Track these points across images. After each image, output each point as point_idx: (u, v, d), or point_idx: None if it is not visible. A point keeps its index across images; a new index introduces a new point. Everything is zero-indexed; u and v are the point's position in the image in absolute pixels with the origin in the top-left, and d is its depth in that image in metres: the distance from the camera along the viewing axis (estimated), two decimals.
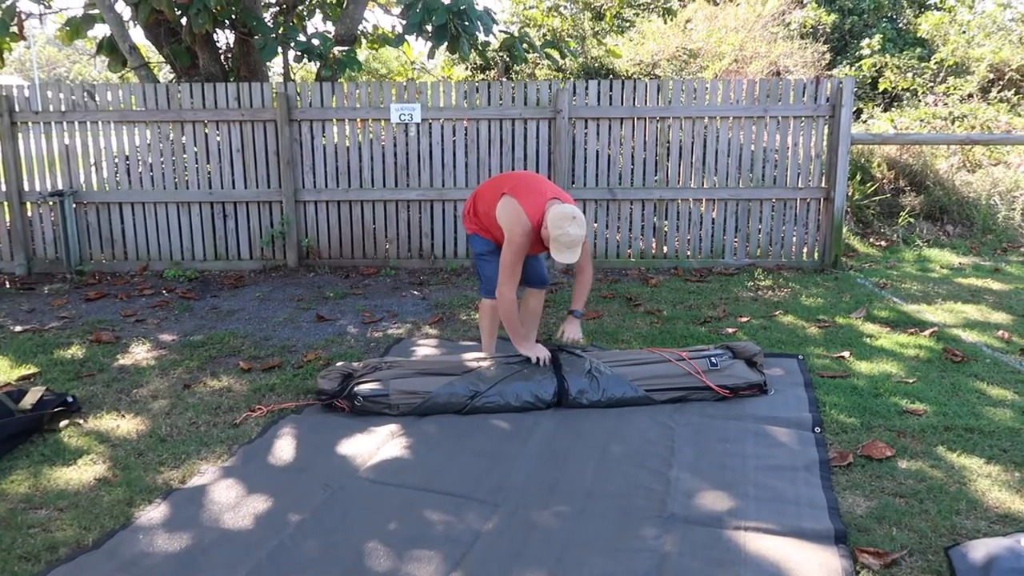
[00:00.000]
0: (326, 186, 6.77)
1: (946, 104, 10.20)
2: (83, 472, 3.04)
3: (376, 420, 3.52)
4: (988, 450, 3.17)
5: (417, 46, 28.03)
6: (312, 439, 3.32)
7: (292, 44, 7.17)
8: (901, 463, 3.06)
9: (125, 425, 3.49)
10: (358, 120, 6.72)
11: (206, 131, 6.69)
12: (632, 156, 6.73)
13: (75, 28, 7.71)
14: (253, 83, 6.71)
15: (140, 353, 4.54)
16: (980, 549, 2.38)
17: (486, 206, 3.88)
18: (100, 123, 6.71)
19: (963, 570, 2.32)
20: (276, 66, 10.07)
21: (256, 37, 7.00)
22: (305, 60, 7.52)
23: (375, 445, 3.26)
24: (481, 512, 2.72)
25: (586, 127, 6.67)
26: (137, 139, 6.77)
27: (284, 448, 3.24)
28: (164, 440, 3.33)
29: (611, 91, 6.63)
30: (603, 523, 2.64)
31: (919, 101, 10.58)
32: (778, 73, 11.04)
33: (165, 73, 9.87)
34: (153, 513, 2.71)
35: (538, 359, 3.79)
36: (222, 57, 7.83)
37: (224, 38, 8.12)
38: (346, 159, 6.74)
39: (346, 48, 7.69)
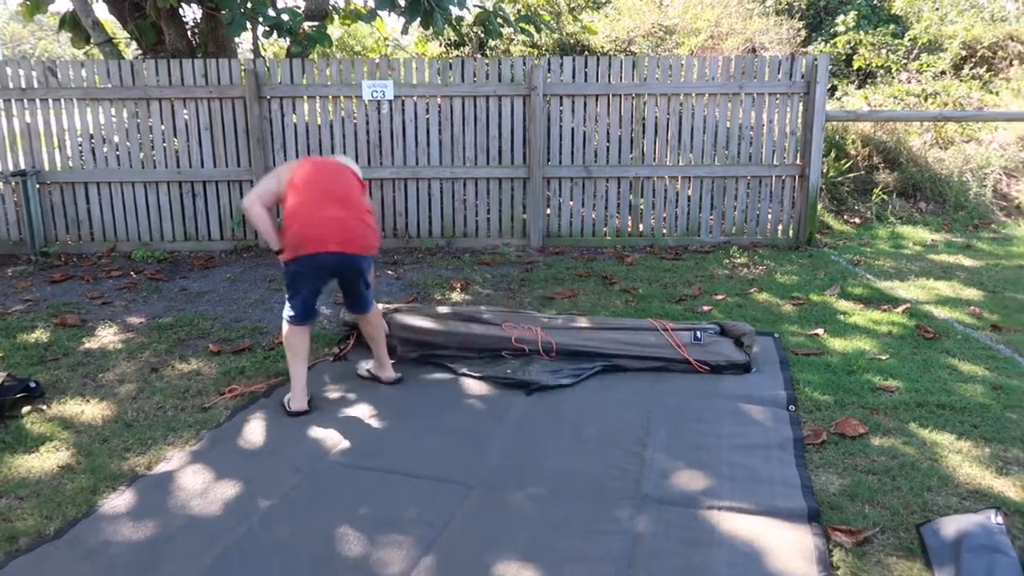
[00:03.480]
0: None
1: (919, 81, 10.23)
2: (45, 460, 2.96)
3: (348, 402, 3.47)
4: (959, 426, 3.19)
5: (391, 21, 27.65)
6: (282, 422, 3.27)
7: (260, 19, 7.00)
8: (874, 440, 3.07)
9: (90, 411, 3.41)
10: (330, 97, 6.59)
11: (173, 109, 6.52)
12: (608, 133, 6.67)
13: (35, 3, 7.47)
14: (221, 59, 6.55)
15: (107, 336, 4.44)
16: (951, 525, 2.39)
17: (363, 193, 3.53)
18: (63, 101, 6.52)
19: (934, 547, 2.33)
20: (246, 42, 9.86)
21: (223, 12, 6.82)
22: (275, 36, 7.35)
23: (345, 428, 3.21)
24: (454, 494, 2.69)
25: (561, 104, 6.60)
26: (102, 117, 6.60)
27: (253, 432, 3.18)
28: (130, 425, 3.26)
29: (586, 68, 6.55)
30: (577, 504, 2.62)
31: (893, 78, 10.60)
32: (754, 50, 10.99)
33: (132, 50, 9.62)
34: (117, 501, 2.65)
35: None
36: (189, 33, 7.63)
37: (191, 13, 7.91)
38: (317, 137, 6.62)
39: (316, 24, 7.54)
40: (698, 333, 3.98)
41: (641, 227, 6.80)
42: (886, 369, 3.80)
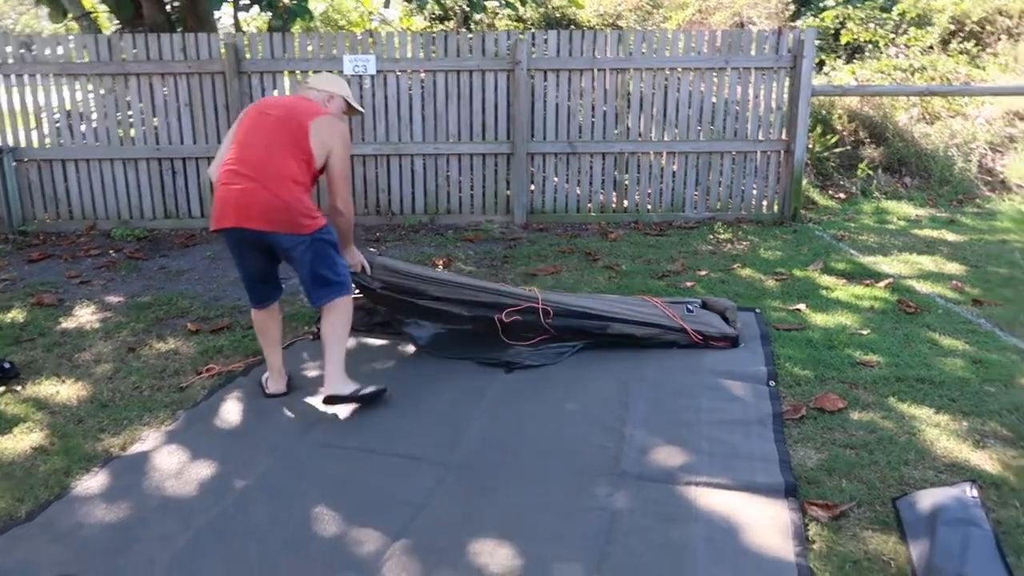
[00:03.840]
0: None
1: (907, 56, 10.18)
2: (18, 441, 2.93)
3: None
4: (938, 400, 3.20)
5: None
6: (259, 401, 3.24)
7: None
8: (853, 415, 3.07)
9: (65, 391, 3.37)
10: (311, 72, 6.48)
11: (151, 84, 6.41)
12: (592, 108, 6.61)
13: None
14: (200, 34, 6.43)
15: (84, 316, 4.38)
16: (926, 499, 2.40)
17: (296, 155, 3.04)
18: (39, 76, 6.40)
19: (909, 520, 2.33)
20: (226, 16, 9.70)
21: None
22: (255, 10, 7.23)
23: (324, 407, 3.19)
24: (431, 474, 2.67)
25: (545, 79, 6.52)
26: (79, 93, 6.48)
27: (230, 412, 3.15)
28: (106, 406, 3.22)
29: (571, 42, 6.48)
30: (555, 483, 2.61)
31: (881, 53, 10.54)
32: (742, 24, 10.90)
33: (111, 24, 9.44)
34: (91, 482, 2.62)
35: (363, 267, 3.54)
36: (168, 7, 7.49)
37: None
38: None
39: None
40: (689, 306, 4.05)
41: (626, 203, 6.77)
42: (867, 344, 3.80)
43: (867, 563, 2.19)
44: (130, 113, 6.46)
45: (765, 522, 2.37)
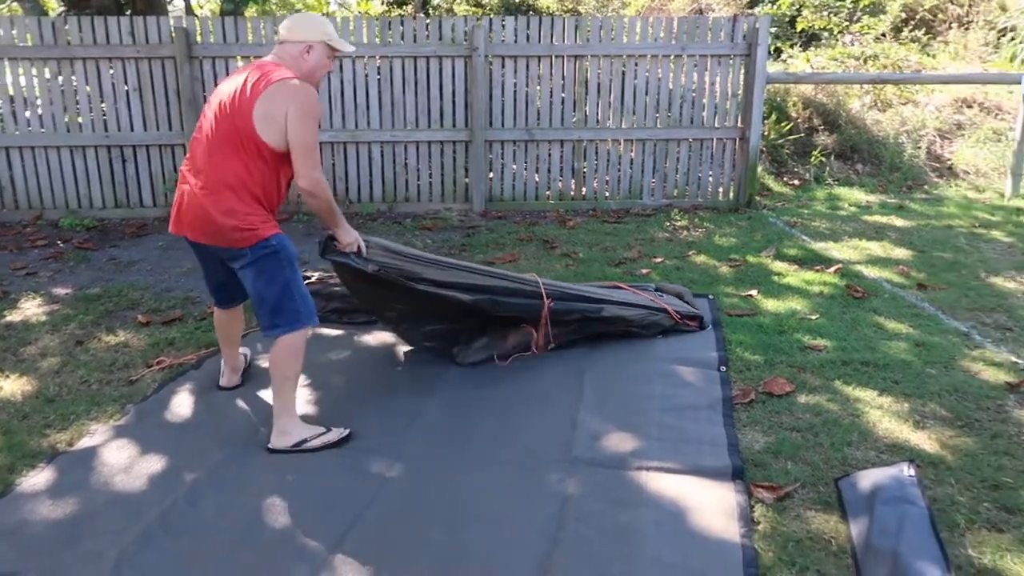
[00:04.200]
0: None
1: (861, 44, 10.35)
2: None
3: None
4: (881, 382, 3.29)
5: None
6: (211, 395, 3.20)
7: None
8: (800, 398, 3.15)
9: (9, 386, 3.29)
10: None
11: (99, 69, 6.25)
12: (550, 95, 6.61)
13: None
14: (149, 17, 6.28)
15: (30, 308, 4.28)
16: (867, 479, 2.47)
17: (240, 150, 2.62)
18: None
19: (850, 500, 2.40)
20: None
21: None
22: None
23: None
24: (383, 464, 2.67)
25: (503, 66, 6.51)
26: (23, 78, 6.29)
27: (181, 404, 3.11)
28: (52, 401, 3.16)
29: (528, 28, 6.46)
30: (506, 469, 2.64)
31: (836, 40, 10.71)
32: (700, 11, 10.98)
33: (56, 6, 9.17)
34: (36, 479, 2.58)
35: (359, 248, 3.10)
36: None
37: None
38: None
39: None
40: (654, 288, 4.12)
41: (584, 190, 6.80)
42: (815, 328, 3.89)
43: (809, 542, 2.26)
44: (77, 99, 6.29)
45: (712, 505, 2.42)
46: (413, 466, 2.66)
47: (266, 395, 3.19)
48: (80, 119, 6.33)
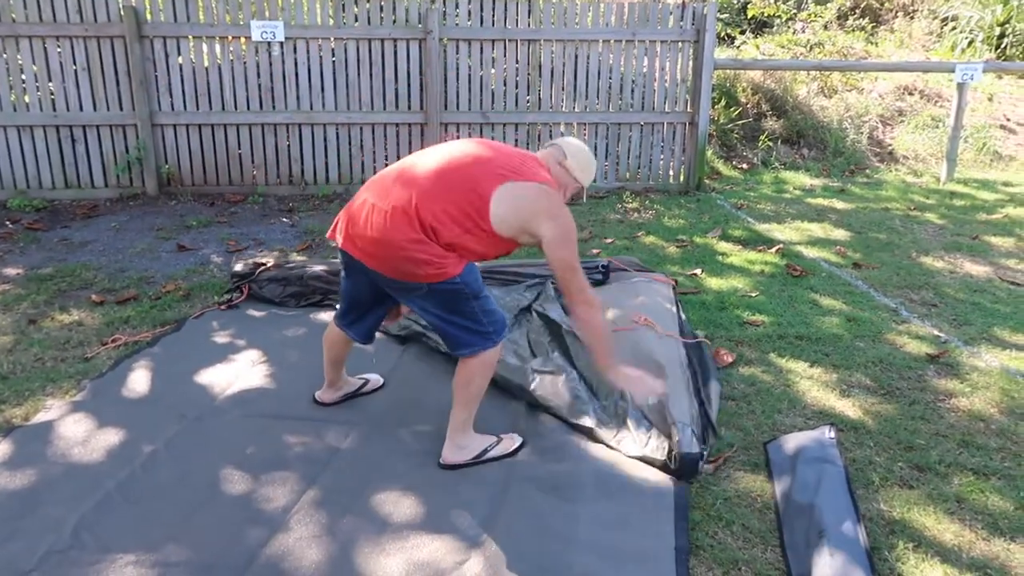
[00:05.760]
0: (185, 108, 6.40)
1: (812, 31, 10.63)
2: None
3: (236, 349, 3.49)
4: (813, 355, 3.49)
5: None
6: (168, 370, 3.26)
7: None
8: (738, 369, 3.33)
9: None
10: (217, 38, 6.33)
11: (45, 47, 6.15)
12: (504, 79, 6.71)
13: None
14: None
15: None
16: (791, 442, 2.66)
17: (460, 207, 2.36)
18: None
19: (776, 460, 2.58)
20: None
21: None
22: None
23: (234, 374, 3.24)
24: (339, 432, 2.78)
25: (457, 49, 6.57)
26: None
27: (138, 380, 3.17)
28: (6, 378, 3.18)
29: (482, 11, 6.53)
30: None
31: (786, 28, 10.97)
32: None
33: None
34: None
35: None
36: None
37: None
38: (205, 80, 6.38)
39: None
40: (605, 263, 4.13)
41: None
42: (755, 305, 4.08)
43: (737, 499, 2.43)
44: (23, 78, 6.19)
45: (650, 474, 2.57)
46: (369, 433, 2.77)
47: (222, 370, 3.26)
48: (27, 98, 6.23)
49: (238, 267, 4.19)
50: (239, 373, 3.25)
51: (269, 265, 4.14)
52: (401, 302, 2.64)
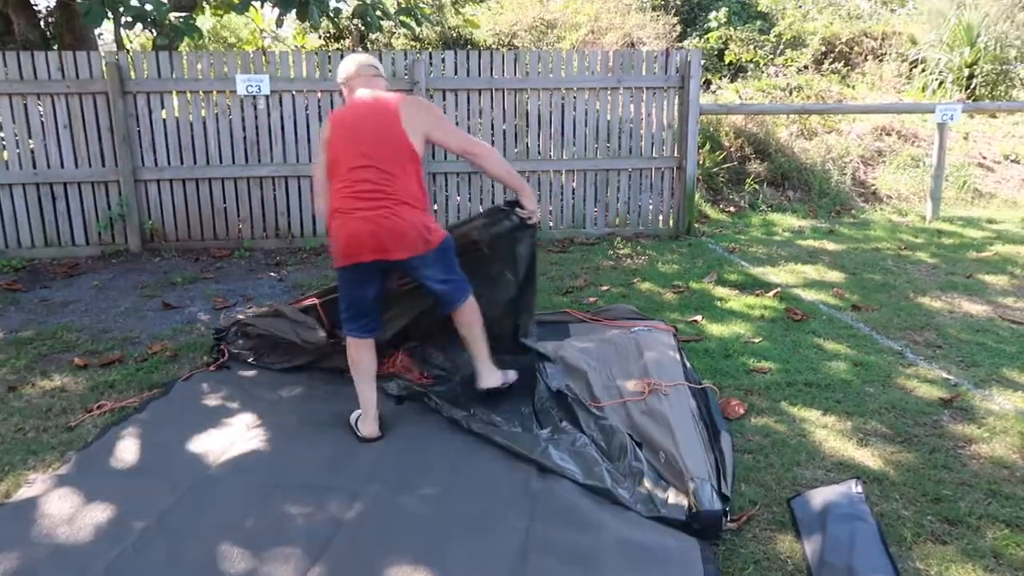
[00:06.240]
0: (168, 163, 6.31)
1: (785, 75, 10.82)
2: None
3: (230, 412, 3.34)
4: (825, 402, 3.40)
5: (266, 12, 26.69)
6: (158, 438, 3.10)
7: (121, 9, 6.59)
8: (750, 420, 3.23)
9: None
10: (202, 92, 6.28)
11: (26, 105, 6.05)
12: (492, 128, 6.70)
13: None
14: (79, 52, 6.13)
15: None
16: (817, 497, 2.55)
17: (406, 160, 3.02)
18: None
19: (803, 519, 2.47)
20: (108, 33, 9.30)
21: (79, 1, 6.39)
22: (139, 27, 6.95)
23: (228, 440, 3.09)
24: (342, 501, 2.63)
25: (444, 99, 6.56)
26: None
27: (126, 450, 3.00)
28: None
29: (468, 62, 6.55)
30: (469, 503, 2.62)
31: (762, 72, 11.17)
32: (632, 44, 11.31)
33: None
34: None
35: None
36: (42, 23, 7.12)
37: (44, 1, 7.38)
38: (190, 134, 6.31)
39: (185, 14, 7.17)
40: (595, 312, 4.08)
41: None
42: (759, 351, 4.01)
43: (767, 562, 2.31)
44: (2, 136, 6.08)
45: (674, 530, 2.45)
46: (373, 503, 2.62)
47: (214, 436, 3.11)
48: (6, 156, 6.11)
49: (225, 322, 4.04)
50: (233, 439, 3.10)
51: (242, 319, 3.98)
52: (413, 279, 3.20)
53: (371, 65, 3.29)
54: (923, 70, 11.25)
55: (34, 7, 6.98)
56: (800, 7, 13.52)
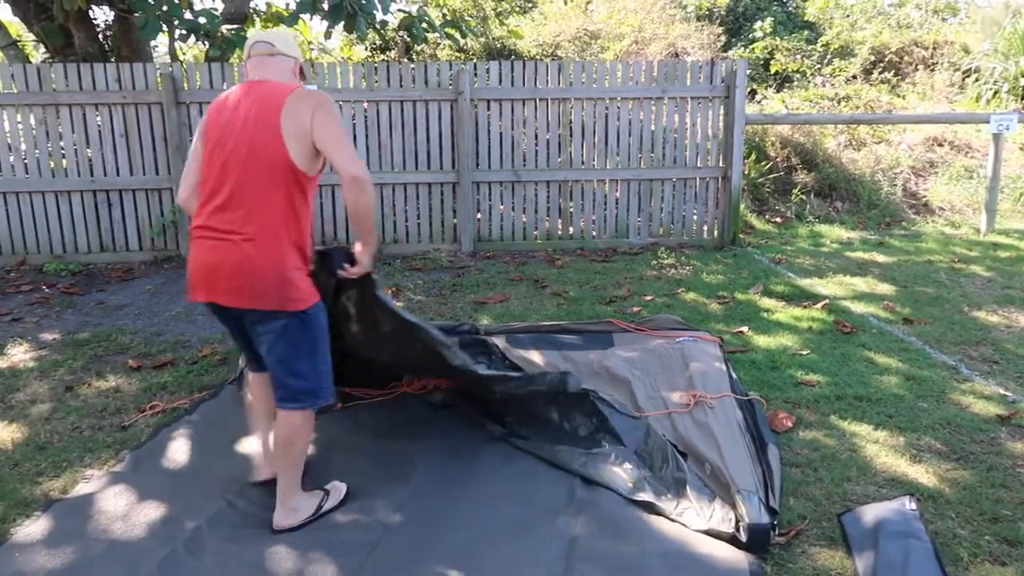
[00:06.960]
0: None
1: (832, 85, 10.65)
2: None
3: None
4: (876, 417, 3.33)
5: (314, 25, 27.19)
6: (208, 439, 3.16)
7: (176, 22, 6.78)
8: (798, 433, 3.17)
9: None
10: None
11: (85, 115, 6.26)
12: (536, 137, 6.72)
13: None
14: (135, 64, 6.32)
15: (17, 355, 4.22)
16: (869, 514, 2.49)
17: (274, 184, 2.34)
18: None
19: (854, 535, 2.41)
20: (163, 46, 9.55)
21: (136, 14, 6.59)
22: (192, 40, 7.14)
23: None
24: (386, 507, 2.65)
25: (488, 109, 6.61)
26: (7, 124, 6.28)
27: (178, 450, 3.07)
28: (43, 448, 3.10)
29: (512, 72, 6.58)
30: (511, 508, 2.62)
31: (808, 82, 11.02)
32: (676, 54, 11.25)
33: (40, 53, 9.19)
34: (32, 528, 2.52)
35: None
36: (100, 36, 7.35)
37: (102, 15, 7.62)
38: None
39: (236, 27, 7.35)
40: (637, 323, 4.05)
41: (571, 230, 6.87)
42: (807, 364, 3.94)
43: None
44: (62, 144, 6.29)
45: (718, 544, 2.42)
46: (416, 509, 2.64)
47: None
48: (65, 164, 6.32)
49: None
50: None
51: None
52: (251, 336, 2.49)
53: (265, 42, 2.49)
54: (977, 79, 10.98)
55: (93, 21, 7.21)
56: (848, 16, 13.32)
